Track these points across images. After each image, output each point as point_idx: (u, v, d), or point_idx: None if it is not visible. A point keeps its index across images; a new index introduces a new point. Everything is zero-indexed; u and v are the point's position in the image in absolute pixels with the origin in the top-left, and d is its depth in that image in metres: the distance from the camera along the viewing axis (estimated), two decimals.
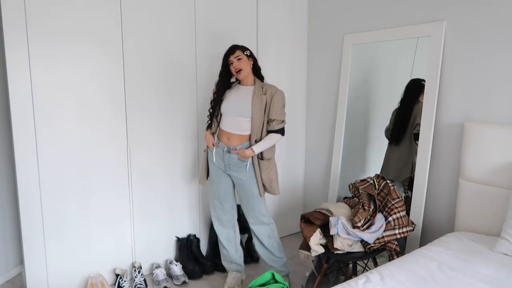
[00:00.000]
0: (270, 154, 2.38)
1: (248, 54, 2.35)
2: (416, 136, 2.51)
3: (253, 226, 2.48)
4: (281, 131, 2.34)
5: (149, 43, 2.53)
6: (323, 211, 2.28)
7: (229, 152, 2.33)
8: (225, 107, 2.36)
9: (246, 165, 2.33)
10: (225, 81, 2.41)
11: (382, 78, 2.74)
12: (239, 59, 2.30)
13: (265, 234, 2.48)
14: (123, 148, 2.52)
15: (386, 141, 2.71)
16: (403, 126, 2.59)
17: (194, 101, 2.76)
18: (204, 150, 2.50)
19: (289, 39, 3.17)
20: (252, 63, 2.36)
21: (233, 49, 2.33)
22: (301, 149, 3.38)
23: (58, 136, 2.29)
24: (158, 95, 2.62)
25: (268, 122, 2.33)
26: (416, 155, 2.49)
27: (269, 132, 2.33)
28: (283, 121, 2.34)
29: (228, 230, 2.56)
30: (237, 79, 2.44)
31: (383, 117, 2.73)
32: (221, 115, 2.41)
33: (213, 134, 2.44)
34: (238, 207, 2.84)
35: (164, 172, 2.71)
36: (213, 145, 2.39)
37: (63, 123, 2.30)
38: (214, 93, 2.43)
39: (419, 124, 2.46)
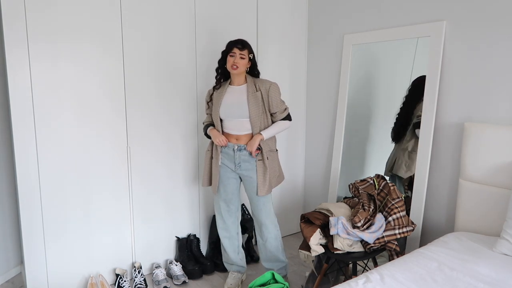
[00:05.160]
0: (274, 145, 2.41)
1: (251, 57, 2.34)
2: (416, 125, 2.48)
3: (264, 228, 2.45)
4: (288, 117, 2.39)
5: (149, 41, 2.53)
6: (323, 211, 2.28)
7: (240, 150, 2.34)
8: (223, 112, 2.35)
9: (255, 161, 2.33)
10: (223, 71, 2.40)
11: (382, 78, 2.74)
12: (242, 57, 2.29)
13: (273, 236, 2.47)
14: (123, 148, 2.52)
15: (386, 141, 2.71)
16: (405, 123, 2.58)
17: (194, 100, 2.76)
18: (208, 150, 2.48)
19: (289, 39, 3.17)
20: (249, 66, 2.35)
21: (243, 45, 2.30)
22: (301, 149, 3.38)
23: (58, 136, 2.29)
24: (158, 94, 2.62)
25: (271, 115, 2.36)
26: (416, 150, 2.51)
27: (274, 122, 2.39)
28: (285, 109, 2.38)
29: (231, 233, 2.54)
30: (225, 79, 2.43)
31: (383, 117, 2.73)
32: (221, 120, 2.39)
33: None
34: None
35: (164, 172, 2.71)
36: (224, 142, 2.34)
37: (63, 122, 2.30)
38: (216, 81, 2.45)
39: (420, 116, 2.45)
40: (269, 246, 2.48)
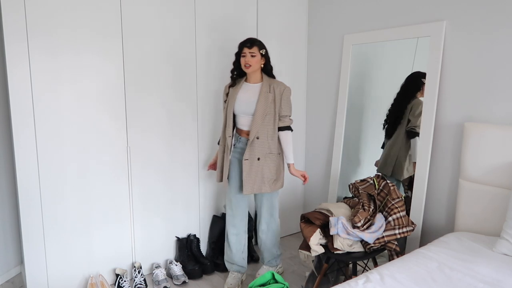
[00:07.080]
0: (275, 148, 2.42)
1: (263, 53, 2.35)
2: (409, 134, 2.51)
3: (263, 220, 2.52)
4: (291, 128, 2.43)
5: (149, 39, 2.53)
6: (323, 211, 2.28)
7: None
8: (238, 108, 2.40)
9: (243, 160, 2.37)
10: (240, 72, 2.44)
11: (382, 78, 2.74)
12: (253, 55, 2.31)
13: (272, 230, 2.54)
14: (123, 147, 2.52)
15: (387, 141, 2.71)
16: (396, 120, 2.60)
17: (194, 99, 2.76)
18: (218, 143, 2.54)
19: (289, 39, 3.17)
20: (263, 62, 2.37)
21: (252, 43, 2.32)
22: (301, 149, 3.38)
23: (58, 134, 2.29)
24: (158, 93, 2.61)
25: (279, 118, 2.39)
26: (407, 151, 2.52)
27: (280, 128, 2.39)
28: (290, 117, 2.44)
29: (239, 230, 2.56)
30: (241, 76, 2.46)
31: (383, 117, 2.73)
32: (234, 115, 2.44)
33: (230, 136, 2.44)
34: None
35: (164, 172, 2.70)
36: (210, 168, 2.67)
37: (62, 120, 2.30)
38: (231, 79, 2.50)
39: (411, 121, 2.48)
40: (265, 238, 2.56)
